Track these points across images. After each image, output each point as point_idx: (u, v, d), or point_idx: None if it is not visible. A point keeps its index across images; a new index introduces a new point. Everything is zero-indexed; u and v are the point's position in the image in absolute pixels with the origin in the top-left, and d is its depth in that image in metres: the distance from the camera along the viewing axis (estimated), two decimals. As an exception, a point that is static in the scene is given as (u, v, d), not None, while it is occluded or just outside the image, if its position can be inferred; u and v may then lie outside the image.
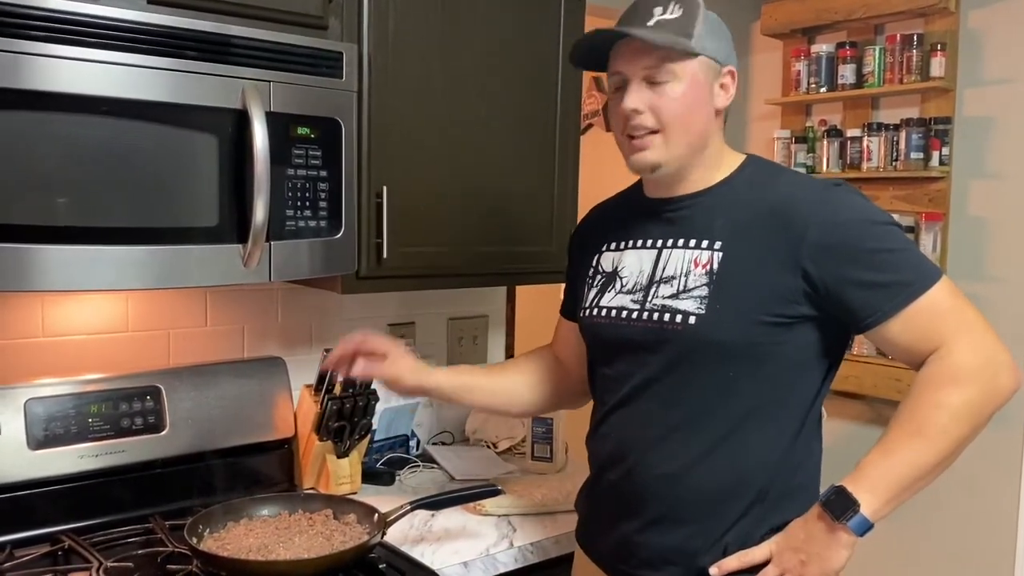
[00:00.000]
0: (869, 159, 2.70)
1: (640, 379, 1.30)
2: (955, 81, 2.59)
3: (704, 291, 1.24)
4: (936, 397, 1.15)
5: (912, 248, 1.22)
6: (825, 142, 2.82)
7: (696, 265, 1.26)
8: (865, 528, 1.14)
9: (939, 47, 2.56)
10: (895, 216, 2.57)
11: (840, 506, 1.14)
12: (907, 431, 1.16)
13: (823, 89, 2.82)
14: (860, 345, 2.64)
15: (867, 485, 1.15)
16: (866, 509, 1.14)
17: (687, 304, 1.25)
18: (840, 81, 2.77)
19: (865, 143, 2.70)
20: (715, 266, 1.24)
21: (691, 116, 1.25)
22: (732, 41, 1.31)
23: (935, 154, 2.59)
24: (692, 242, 1.28)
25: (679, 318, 1.25)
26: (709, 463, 1.24)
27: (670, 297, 1.27)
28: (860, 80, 2.74)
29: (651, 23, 1.22)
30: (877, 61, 2.68)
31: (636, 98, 1.24)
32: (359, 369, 1.45)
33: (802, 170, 2.87)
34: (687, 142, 1.26)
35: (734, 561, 1.23)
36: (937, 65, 2.56)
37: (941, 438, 1.15)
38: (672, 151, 1.26)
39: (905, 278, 1.18)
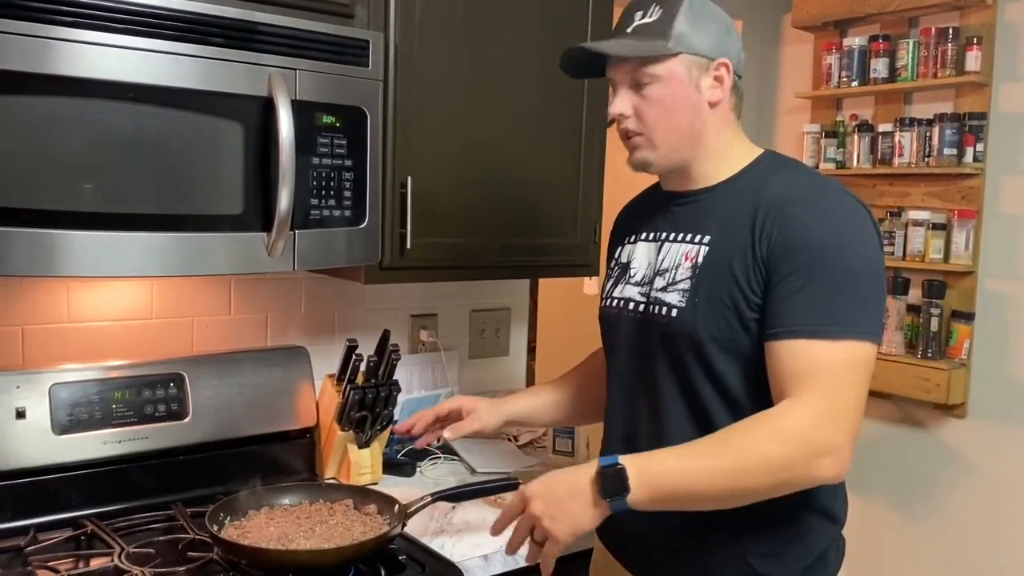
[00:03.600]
0: (901, 155, 2.65)
1: (638, 371, 1.32)
2: (991, 76, 2.53)
3: (687, 284, 1.25)
4: (763, 444, 1.11)
5: (862, 300, 1.15)
6: (856, 137, 2.77)
7: (686, 259, 1.27)
8: (622, 510, 1.12)
9: (975, 41, 2.51)
10: (927, 213, 2.58)
11: (613, 487, 1.11)
12: (717, 456, 1.12)
13: (855, 83, 2.77)
14: (888, 344, 2.60)
15: (648, 480, 1.11)
16: (631, 499, 1.11)
17: (672, 297, 1.26)
18: (872, 75, 2.72)
19: (897, 138, 2.65)
20: (699, 260, 1.25)
21: (674, 115, 1.25)
22: (728, 29, 1.27)
23: (969, 150, 2.54)
24: (688, 236, 1.29)
25: (664, 310, 1.27)
26: None
27: (661, 290, 1.29)
28: (893, 74, 2.69)
29: (630, 29, 1.25)
30: (911, 55, 2.63)
31: (620, 103, 1.27)
32: (448, 435, 1.51)
33: (832, 165, 2.83)
34: (675, 139, 1.26)
35: (502, 520, 1.22)
36: (973, 59, 2.51)
37: (738, 479, 1.11)
38: (659, 150, 1.27)
39: (827, 318, 1.13)
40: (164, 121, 1.33)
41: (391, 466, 1.93)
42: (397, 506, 1.52)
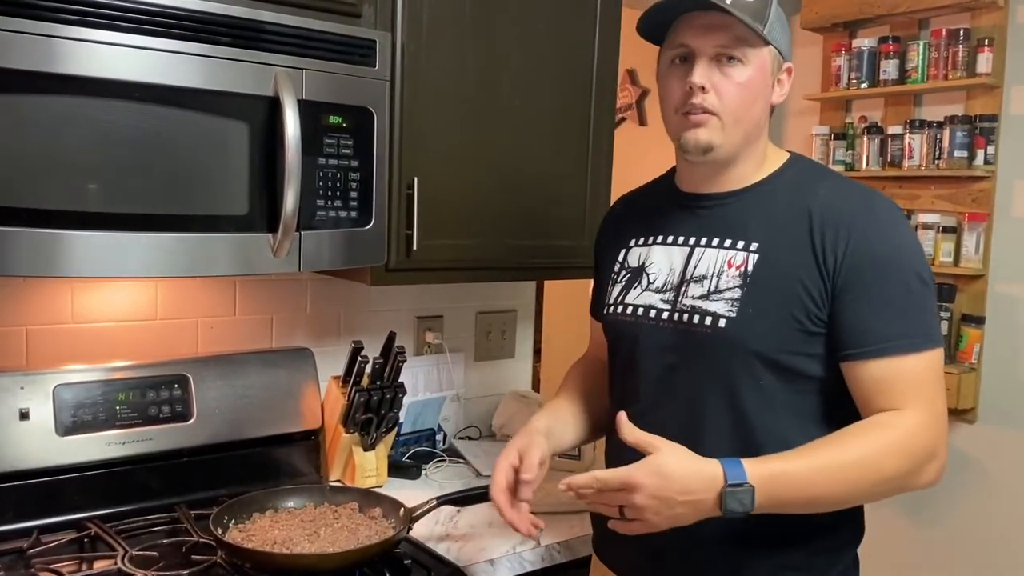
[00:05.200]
0: (911, 157, 2.64)
1: (668, 383, 1.25)
2: (1002, 78, 2.52)
3: (736, 293, 1.19)
4: (881, 458, 1.12)
5: (931, 307, 1.19)
6: (865, 139, 2.76)
7: (730, 266, 1.22)
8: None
9: (986, 42, 2.49)
10: (937, 216, 2.56)
11: (737, 508, 1.07)
12: (840, 470, 1.12)
13: (864, 85, 2.76)
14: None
15: (771, 493, 1.09)
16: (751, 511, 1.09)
17: (718, 306, 1.20)
18: (882, 77, 2.71)
19: (907, 140, 2.64)
20: (749, 268, 1.20)
21: (752, 105, 1.21)
22: (790, 36, 1.27)
23: (980, 153, 2.52)
24: (727, 242, 1.24)
25: (709, 320, 1.21)
26: None
27: (700, 298, 1.23)
28: (903, 76, 2.67)
29: (728, 1, 1.16)
30: (921, 56, 2.62)
31: (703, 74, 1.18)
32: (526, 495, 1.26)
33: (841, 167, 2.82)
34: (744, 130, 1.22)
35: (586, 479, 1.11)
36: (984, 61, 2.50)
37: (854, 491, 1.14)
38: (728, 136, 1.21)
39: (909, 331, 1.15)
40: (169, 121, 1.32)
41: (396, 469, 1.92)
42: (403, 509, 1.51)
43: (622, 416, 1.14)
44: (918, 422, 1.13)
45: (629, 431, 1.13)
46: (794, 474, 1.10)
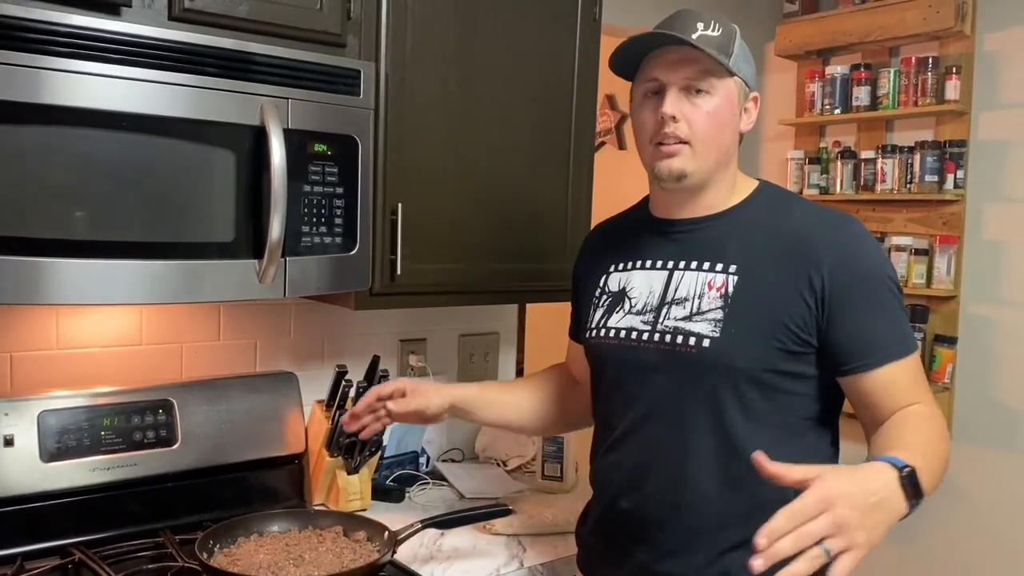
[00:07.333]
0: (883, 181, 2.70)
1: (652, 403, 1.28)
2: (970, 104, 2.59)
3: (719, 314, 1.23)
4: (939, 444, 1.15)
5: (904, 313, 1.27)
6: (839, 163, 2.82)
7: (710, 287, 1.25)
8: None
9: (954, 70, 2.56)
10: (909, 239, 2.62)
11: (916, 487, 1.02)
12: (936, 460, 1.12)
13: (837, 111, 2.82)
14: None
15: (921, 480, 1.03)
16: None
17: (701, 327, 1.24)
18: (855, 103, 2.77)
19: (879, 165, 2.70)
20: (730, 289, 1.24)
21: (721, 133, 1.26)
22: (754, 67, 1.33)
23: (950, 177, 2.59)
24: (706, 264, 1.28)
25: (692, 340, 1.24)
26: (730, 491, 1.23)
27: (683, 319, 1.26)
28: (875, 102, 2.74)
29: (695, 36, 1.21)
30: (892, 83, 2.68)
31: (674, 104, 1.24)
32: (392, 406, 1.45)
33: (815, 191, 2.87)
34: (715, 157, 1.27)
35: (780, 518, 0.92)
36: (952, 88, 2.57)
37: (937, 481, 1.12)
38: (700, 163, 1.26)
39: (902, 336, 1.23)
40: (156, 150, 1.34)
41: (380, 492, 1.92)
42: (387, 533, 1.52)
43: (759, 456, 0.98)
44: (932, 412, 1.21)
45: (786, 471, 0.97)
46: (919, 463, 1.05)
